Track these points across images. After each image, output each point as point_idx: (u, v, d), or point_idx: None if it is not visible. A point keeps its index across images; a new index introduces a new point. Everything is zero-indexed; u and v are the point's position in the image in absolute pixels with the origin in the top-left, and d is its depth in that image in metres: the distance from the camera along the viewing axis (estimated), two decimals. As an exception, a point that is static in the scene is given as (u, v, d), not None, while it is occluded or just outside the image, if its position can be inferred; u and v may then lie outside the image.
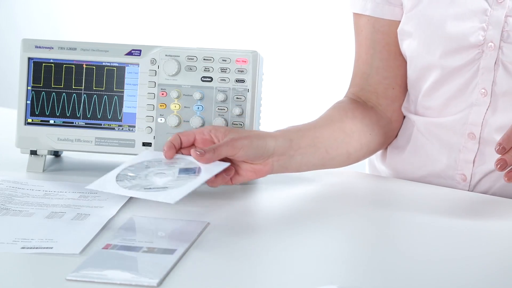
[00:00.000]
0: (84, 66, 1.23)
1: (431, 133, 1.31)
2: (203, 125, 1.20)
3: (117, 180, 1.07)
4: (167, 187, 1.03)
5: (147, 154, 1.13)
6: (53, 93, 1.23)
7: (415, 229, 1.06)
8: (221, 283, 0.85)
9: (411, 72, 1.32)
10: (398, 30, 1.32)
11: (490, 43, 1.23)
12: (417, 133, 1.33)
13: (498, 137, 1.25)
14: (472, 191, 1.28)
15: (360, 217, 1.12)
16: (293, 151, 1.18)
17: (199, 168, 1.06)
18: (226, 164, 1.07)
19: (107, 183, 1.06)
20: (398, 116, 1.37)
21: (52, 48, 1.23)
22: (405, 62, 1.34)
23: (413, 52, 1.30)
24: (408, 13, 1.29)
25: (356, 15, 1.36)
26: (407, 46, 1.31)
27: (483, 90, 1.25)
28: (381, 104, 1.35)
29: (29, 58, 1.23)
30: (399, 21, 1.32)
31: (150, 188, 1.03)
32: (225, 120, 1.20)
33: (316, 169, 1.24)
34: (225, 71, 1.21)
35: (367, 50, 1.35)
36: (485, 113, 1.25)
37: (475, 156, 1.27)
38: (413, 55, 1.30)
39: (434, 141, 1.31)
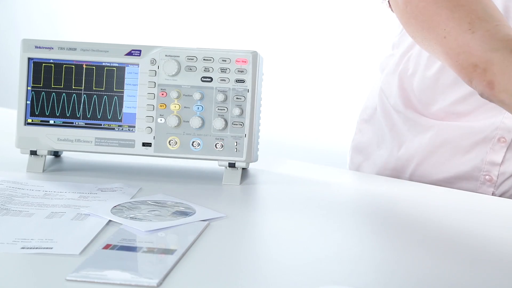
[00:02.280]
0: (84, 66, 1.23)
1: (457, 137, 1.31)
2: (203, 125, 1.21)
3: (114, 207, 1.06)
4: (150, 220, 1.02)
5: (158, 196, 1.13)
6: (53, 93, 1.23)
7: (420, 230, 1.06)
8: (221, 283, 0.85)
9: (448, 75, 1.31)
10: None
11: None
12: (440, 136, 1.33)
13: None
14: (496, 191, 1.29)
15: (363, 217, 1.12)
16: None
17: (194, 213, 1.06)
18: (221, 215, 1.06)
19: (103, 208, 1.06)
20: None
21: (52, 48, 1.23)
22: None
23: None
24: None
25: None
26: None
27: None
28: None
29: (29, 58, 1.23)
30: None
31: (135, 218, 1.03)
32: (225, 120, 1.20)
33: None
34: (225, 71, 1.21)
35: None
36: None
37: (503, 157, 1.28)
38: None
39: (460, 144, 1.31)
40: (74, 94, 1.23)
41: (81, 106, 1.23)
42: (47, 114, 1.23)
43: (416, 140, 1.36)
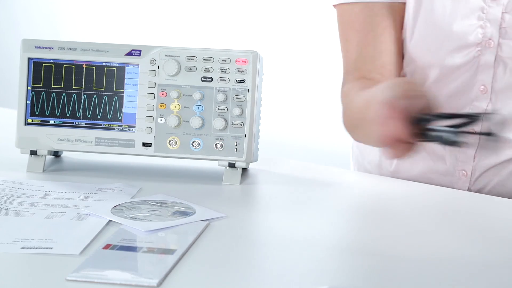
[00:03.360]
0: (84, 66, 1.23)
1: None
2: (203, 125, 1.21)
3: (114, 207, 1.06)
4: (151, 220, 1.02)
5: (158, 196, 1.13)
6: (53, 93, 1.23)
7: (411, 229, 1.06)
8: (221, 283, 0.85)
9: (409, 70, 1.32)
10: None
11: (489, 41, 1.24)
12: None
13: None
14: (472, 186, 1.29)
15: (363, 217, 1.12)
16: None
17: (194, 213, 1.06)
18: (221, 215, 1.06)
19: (103, 208, 1.06)
20: None
21: (52, 48, 1.23)
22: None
23: (414, 50, 1.30)
24: (410, 10, 1.29)
25: (346, 5, 1.34)
26: (408, 43, 1.31)
27: (482, 87, 1.26)
28: None
29: (29, 58, 1.23)
30: (398, 3, 1.30)
31: (135, 218, 1.03)
32: (225, 120, 1.20)
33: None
34: (225, 71, 1.21)
35: (367, 34, 1.31)
36: (485, 109, 1.26)
37: (476, 151, 1.28)
38: (414, 53, 1.30)
39: None
40: (74, 94, 1.23)
41: (81, 106, 1.23)
42: (47, 114, 1.23)
43: None
